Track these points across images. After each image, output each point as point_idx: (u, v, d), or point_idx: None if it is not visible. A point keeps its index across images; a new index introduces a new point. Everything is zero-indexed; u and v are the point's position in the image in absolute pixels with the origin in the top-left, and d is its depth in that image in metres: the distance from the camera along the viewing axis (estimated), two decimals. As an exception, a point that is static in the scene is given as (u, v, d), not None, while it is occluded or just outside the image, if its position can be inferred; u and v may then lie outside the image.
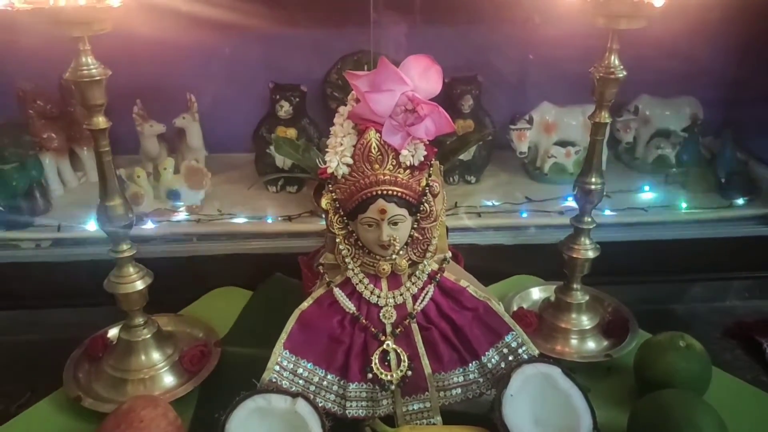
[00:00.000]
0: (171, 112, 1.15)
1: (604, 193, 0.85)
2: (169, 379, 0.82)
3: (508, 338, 0.74)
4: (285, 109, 1.12)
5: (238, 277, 1.02)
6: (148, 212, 1.07)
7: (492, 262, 1.06)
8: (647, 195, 1.21)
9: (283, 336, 0.72)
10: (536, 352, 0.75)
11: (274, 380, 0.71)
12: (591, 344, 0.90)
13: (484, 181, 1.25)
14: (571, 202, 1.14)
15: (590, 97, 0.80)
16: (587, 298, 0.90)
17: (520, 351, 0.74)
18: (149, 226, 1.05)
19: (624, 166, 1.31)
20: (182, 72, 1.18)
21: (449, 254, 0.75)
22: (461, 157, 1.20)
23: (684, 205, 1.17)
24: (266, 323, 0.73)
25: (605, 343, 0.90)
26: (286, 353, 0.72)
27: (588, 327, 0.90)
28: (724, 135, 1.22)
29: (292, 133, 1.11)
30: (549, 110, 1.21)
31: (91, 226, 1.03)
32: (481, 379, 0.74)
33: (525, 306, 0.96)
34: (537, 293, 0.98)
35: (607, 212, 1.13)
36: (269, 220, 1.08)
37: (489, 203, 1.16)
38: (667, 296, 1.06)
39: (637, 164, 1.30)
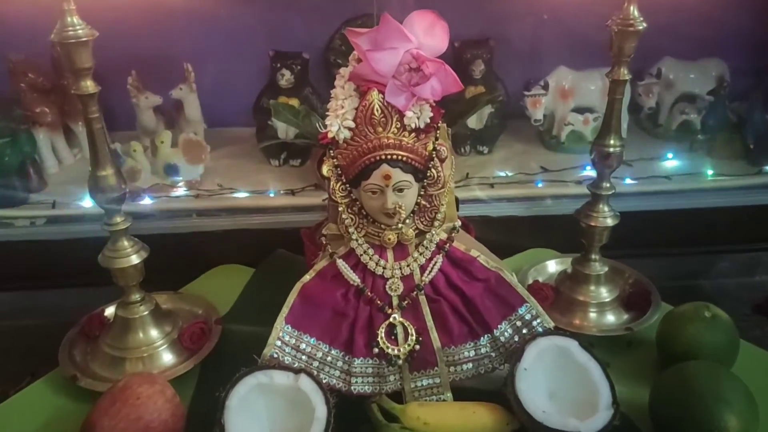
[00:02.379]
0: (167, 83, 1.13)
1: (624, 161, 0.83)
2: (168, 357, 0.81)
3: (521, 310, 0.73)
4: (286, 78, 1.10)
5: (240, 254, 1.02)
6: (146, 188, 1.06)
7: (506, 235, 1.04)
8: (671, 163, 1.19)
9: (285, 310, 0.72)
10: (551, 324, 0.74)
11: (275, 356, 0.71)
12: (611, 317, 0.88)
13: (497, 151, 1.24)
14: (589, 172, 1.13)
15: (609, 60, 0.77)
16: (606, 269, 0.88)
17: (534, 324, 0.73)
18: (147, 201, 1.05)
19: (646, 134, 1.29)
20: (178, 41, 1.17)
21: (458, 223, 0.74)
22: (473, 126, 1.19)
23: (710, 172, 1.14)
24: (269, 301, 0.72)
25: (625, 316, 0.88)
26: (288, 328, 0.72)
27: (607, 300, 0.88)
28: (752, 98, 1.19)
29: (294, 103, 1.09)
30: (565, 75, 1.19)
31: (87, 202, 1.03)
32: (493, 354, 0.73)
33: (541, 279, 0.94)
34: (553, 266, 0.97)
35: (628, 181, 1.11)
36: (271, 194, 1.07)
37: (502, 174, 1.14)
38: (692, 270, 1.05)
39: (660, 131, 1.27)
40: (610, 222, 0.84)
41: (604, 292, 0.88)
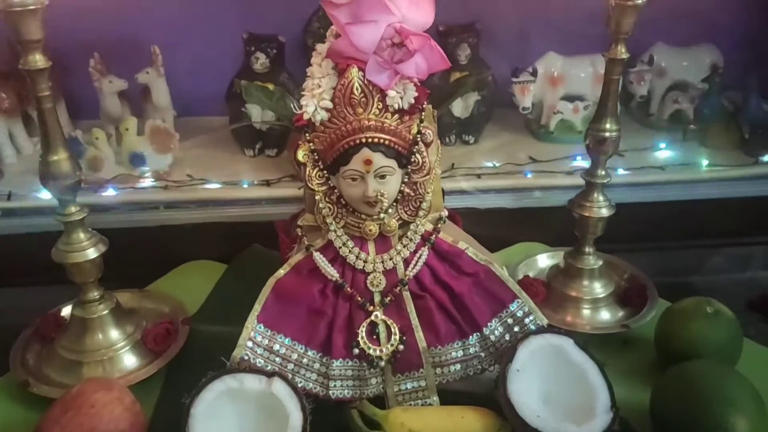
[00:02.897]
0: (133, 67, 1.09)
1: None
2: (130, 361, 0.76)
3: (512, 307, 0.70)
4: (261, 61, 1.06)
5: (211, 249, 0.98)
6: (110, 178, 1.01)
7: (493, 228, 1.00)
8: (663, 153, 1.16)
9: (257, 307, 0.67)
10: (545, 321, 0.70)
11: (246, 358, 0.66)
12: (605, 314, 0.84)
13: (483, 141, 1.20)
14: (580, 162, 1.09)
15: (600, 46, 0.73)
16: (600, 263, 0.84)
17: (526, 321, 0.70)
18: (111, 193, 1.00)
19: (637, 124, 1.25)
20: (145, 21, 1.13)
21: (445, 213, 0.70)
22: (458, 114, 1.16)
23: (705, 162, 1.10)
24: (242, 299, 0.69)
25: (621, 313, 0.85)
26: (260, 327, 0.67)
27: (602, 295, 0.84)
28: (748, 85, 1.15)
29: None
30: (555, 61, 1.15)
31: (46, 194, 0.95)
32: (482, 354, 0.69)
33: (531, 274, 0.90)
34: (544, 260, 0.93)
35: (620, 171, 1.07)
36: (245, 186, 1.03)
37: (489, 164, 1.10)
38: (683, 265, 1.02)
39: (652, 121, 1.24)
40: (605, 212, 0.80)
41: (598, 288, 0.85)
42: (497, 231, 1.00)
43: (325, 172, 0.65)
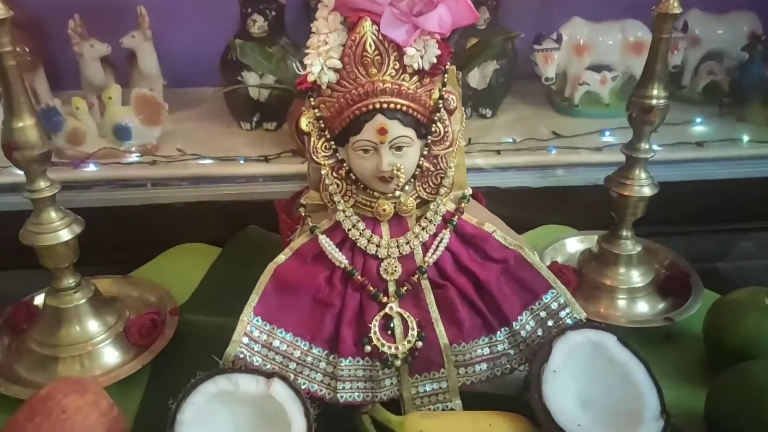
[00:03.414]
0: (118, 30, 1.02)
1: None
2: (111, 356, 0.70)
3: (546, 298, 0.63)
4: (258, 24, 0.98)
5: (203, 230, 0.93)
6: (92, 153, 0.94)
7: (515, 209, 0.90)
8: (699, 128, 1.09)
9: (254, 298, 0.61)
10: (583, 315, 0.63)
11: (241, 356, 0.60)
12: (643, 306, 0.78)
13: (501, 114, 1.13)
14: (609, 138, 1.03)
15: (630, 11, 0.65)
16: (639, 248, 0.78)
17: (562, 314, 0.63)
18: (92, 169, 0.93)
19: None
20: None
21: (469, 191, 0.64)
22: (475, 85, 1.09)
23: (746, 138, 1.02)
24: (237, 287, 0.63)
25: (661, 304, 0.78)
26: (257, 321, 0.61)
27: (640, 284, 0.78)
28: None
29: (268, 55, 0.96)
30: (581, 27, 1.08)
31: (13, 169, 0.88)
32: (511, 351, 0.63)
33: (560, 260, 0.83)
34: (574, 244, 0.87)
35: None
36: (242, 161, 0.97)
37: (509, 140, 1.03)
38: (708, 251, 0.98)
39: (684, 93, 1.17)
40: (647, 191, 0.73)
41: (636, 276, 0.78)
42: (519, 212, 0.91)
43: (332, 143, 0.59)
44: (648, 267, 0.79)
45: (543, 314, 0.62)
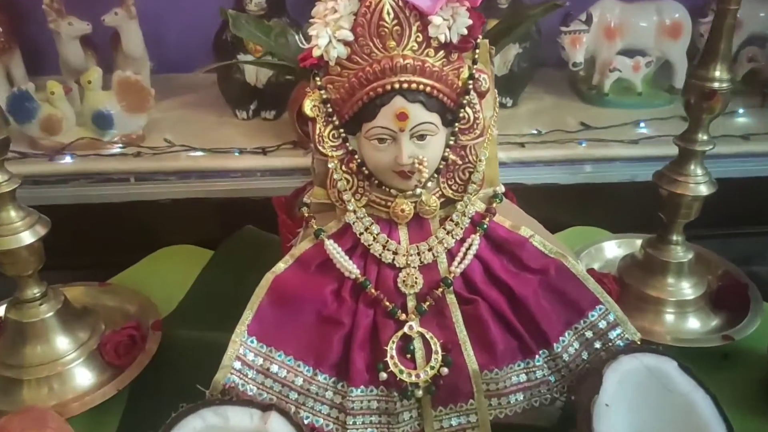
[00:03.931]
0: (100, 7, 0.96)
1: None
2: (83, 378, 0.63)
3: (593, 315, 0.55)
4: (256, 2, 0.91)
5: (193, 231, 0.88)
6: (68, 143, 0.88)
7: (541, 209, 0.82)
8: (740, 120, 1.01)
9: (248, 315, 0.53)
10: (637, 335, 0.56)
11: (233, 384, 0.52)
12: (693, 322, 0.70)
13: (522, 104, 1.07)
14: (644, 130, 0.97)
15: None
16: (691, 255, 0.70)
17: (611, 335, 0.55)
18: (68, 161, 0.87)
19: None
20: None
21: (502, 188, 0.57)
22: (495, 71, 0.99)
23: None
24: (231, 296, 0.58)
25: (714, 320, 0.70)
26: (252, 342, 0.53)
27: (690, 297, 0.70)
28: None
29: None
30: (612, 7, 1.03)
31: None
32: (552, 378, 0.55)
33: (596, 267, 0.75)
34: (613, 249, 0.80)
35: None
36: (237, 154, 0.91)
37: (534, 132, 0.96)
38: (745, 253, 0.89)
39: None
40: (704, 190, 0.65)
41: (687, 287, 0.70)
42: (546, 212, 0.82)
43: (341, 130, 0.52)
44: (700, 277, 0.71)
45: (589, 334, 0.55)
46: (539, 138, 0.94)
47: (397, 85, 0.49)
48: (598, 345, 0.54)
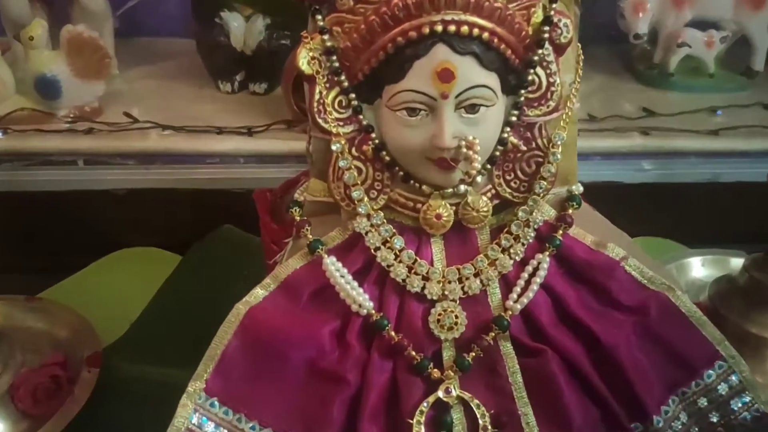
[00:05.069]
0: None
1: None
2: None
3: (709, 375, 0.42)
4: None
5: (157, 230, 0.80)
6: (4, 114, 0.79)
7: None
8: None
9: (207, 365, 0.40)
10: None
11: None
12: None
13: None
14: (721, 118, 0.87)
15: None
16: None
17: (735, 405, 0.42)
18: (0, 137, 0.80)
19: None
20: None
21: (580, 188, 0.44)
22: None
23: None
24: (203, 317, 0.45)
25: None
26: (213, 406, 0.40)
27: None
28: None
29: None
30: None
31: None
32: None
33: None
34: (698, 268, 0.69)
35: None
36: (216, 134, 0.82)
37: (586, 117, 0.84)
38: None
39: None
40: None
41: None
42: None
43: (352, 96, 0.39)
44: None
45: (703, 403, 0.42)
46: (594, 125, 0.82)
47: (439, 27, 0.35)
48: (714, 418, 0.42)
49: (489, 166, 0.40)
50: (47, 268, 0.72)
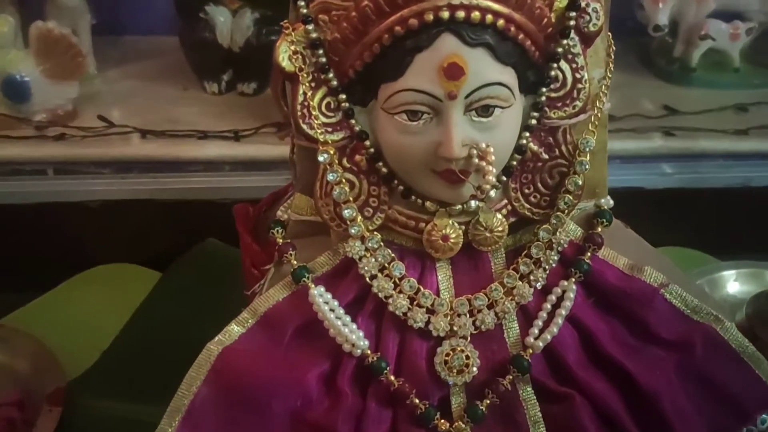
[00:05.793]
0: None
1: None
2: None
3: (763, 421, 0.38)
4: None
5: (134, 244, 0.77)
6: None
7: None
8: None
9: (173, 418, 0.36)
10: None
11: None
12: None
13: None
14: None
15: None
16: None
17: None
18: None
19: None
20: None
21: (610, 201, 0.40)
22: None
23: None
24: (184, 342, 0.42)
25: None
26: None
27: None
28: None
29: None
30: None
31: None
32: None
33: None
34: (732, 283, 0.66)
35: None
36: (200, 139, 0.79)
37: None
38: None
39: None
40: None
41: None
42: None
43: (343, 97, 0.35)
44: None
45: None
46: (611, 125, 0.75)
47: (445, 13, 0.31)
48: (769, 474, 0.37)
49: (504, 178, 0.36)
50: (12, 289, 0.68)
